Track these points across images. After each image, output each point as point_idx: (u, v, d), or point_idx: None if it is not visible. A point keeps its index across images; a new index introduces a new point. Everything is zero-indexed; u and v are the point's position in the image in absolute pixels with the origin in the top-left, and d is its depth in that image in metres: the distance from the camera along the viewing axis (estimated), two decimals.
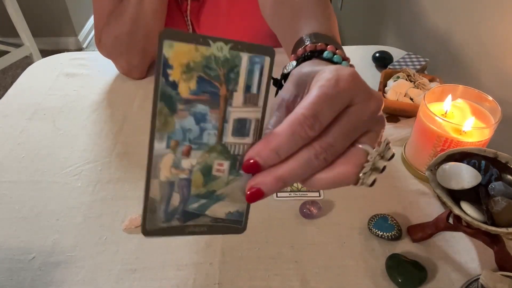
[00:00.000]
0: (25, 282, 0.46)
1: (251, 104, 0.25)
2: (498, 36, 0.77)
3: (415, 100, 0.67)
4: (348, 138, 0.26)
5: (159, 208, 0.26)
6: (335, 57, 0.35)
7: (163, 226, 0.26)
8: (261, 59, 0.25)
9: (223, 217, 0.27)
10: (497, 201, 0.41)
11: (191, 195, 0.26)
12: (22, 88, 0.79)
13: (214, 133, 0.25)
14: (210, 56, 0.24)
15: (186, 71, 0.24)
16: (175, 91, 0.24)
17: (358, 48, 0.89)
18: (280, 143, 0.24)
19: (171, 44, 0.23)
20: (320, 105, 0.24)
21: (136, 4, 0.68)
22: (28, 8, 2.35)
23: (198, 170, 0.26)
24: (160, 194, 0.26)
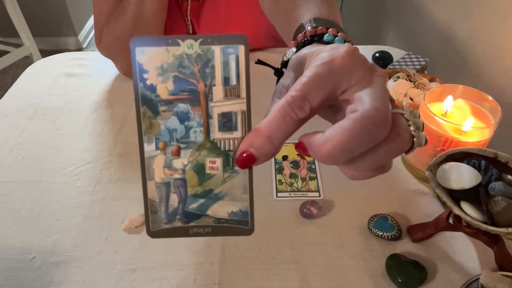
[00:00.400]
0: (25, 282, 0.46)
1: (234, 96, 0.25)
2: (498, 36, 0.77)
3: (415, 100, 0.67)
4: (386, 104, 0.24)
5: (159, 210, 0.26)
6: (336, 39, 0.33)
7: (167, 227, 0.26)
8: (235, 49, 0.24)
9: (226, 217, 0.27)
10: (497, 201, 0.41)
11: (188, 195, 0.26)
12: (22, 88, 0.79)
13: (200, 130, 0.25)
14: (182, 55, 0.24)
15: (161, 73, 0.24)
16: (154, 93, 0.25)
17: (358, 48, 0.89)
18: (272, 129, 0.23)
19: (143, 50, 0.24)
20: (310, 85, 0.24)
21: (137, 4, 0.68)
22: (28, 8, 2.35)
23: (191, 169, 0.26)
24: (158, 195, 0.26)
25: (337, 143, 0.23)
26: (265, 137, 0.23)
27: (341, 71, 0.24)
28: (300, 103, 0.24)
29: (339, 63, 0.24)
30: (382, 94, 0.24)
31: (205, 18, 0.78)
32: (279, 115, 0.23)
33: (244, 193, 0.28)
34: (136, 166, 0.61)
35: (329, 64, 0.24)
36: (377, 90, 0.24)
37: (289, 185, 0.58)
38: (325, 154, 0.23)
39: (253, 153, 0.24)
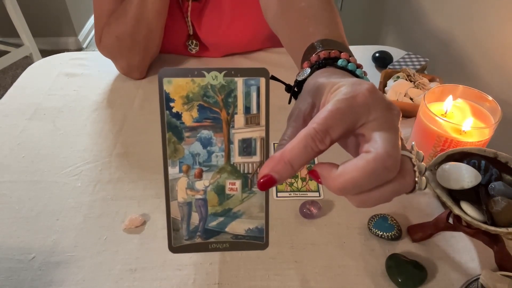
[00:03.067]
0: (25, 282, 0.46)
1: (254, 124, 0.27)
2: (498, 36, 0.77)
3: (415, 100, 0.67)
4: (396, 148, 0.26)
5: (181, 227, 0.29)
6: (349, 65, 0.35)
7: (187, 243, 0.29)
8: (256, 81, 0.27)
9: (243, 234, 0.29)
10: (497, 201, 0.41)
11: (209, 214, 0.29)
12: (22, 88, 0.79)
13: (222, 155, 0.27)
14: (207, 85, 0.26)
15: (187, 102, 0.27)
16: (180, 121, 0.27)
17: (358, 48, 0.89)
18: (294, 156, 0.25)
19: (170, 80, 0.26)
20: (332, 120, 0.26)
21: (138, 4, 0.68)
22: (28, 8, 2.35)
23: (212, 190, 0.28)
24: (180, 214, 0.28)
25: (349, 179, 0.25)
26: (287, 163, 0.26)
27: (362, 107, 0.26)
28: (322, 136, 0.25)
29: (361, 100, 0.26)
30: (395, 139, 0.26)
31: (206, 19, 0.78)
32: (301, 145, 0.25)
33: (260, 211, 0.29)
34: (136, 166, 0.61)
35: (351, 100, 0.26)
36: (391, 135, 0.26)
37: (289, 185, 0.58)
38: (337, 187, 0.26)
39: (275, 176, 0.26)
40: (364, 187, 0.25)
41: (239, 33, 0.81)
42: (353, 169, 0.25)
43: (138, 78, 0.80)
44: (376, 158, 0.24)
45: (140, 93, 0.76)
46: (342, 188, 0.25)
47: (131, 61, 0.76)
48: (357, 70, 0.35)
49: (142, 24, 0.70)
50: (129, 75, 0.80)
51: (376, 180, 0.25)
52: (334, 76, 0.32)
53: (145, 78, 0.81)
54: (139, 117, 0.70)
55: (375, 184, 0.25)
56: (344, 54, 0.36)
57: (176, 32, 0.81)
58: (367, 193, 0.26)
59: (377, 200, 0.27)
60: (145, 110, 0.72)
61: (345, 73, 0.34)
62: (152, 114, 0.71)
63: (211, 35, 0.80)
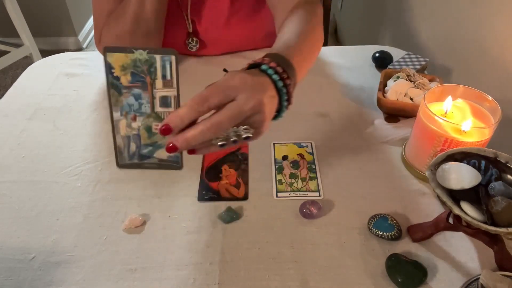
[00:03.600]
0: (25, 282, 0.46)
1: (168, 86, 0.40)
2: (498, 36, 0.77)
3: (415, 100, 0.67)
4: (232, 120, 0.39)
5: (124, 152, 0.42)
6: (269, 70, 0.45)
7: (128, 163, 0.43)
8: (169, 57, 0.39)
9: (166, 158, 0.42)
10: (497, 201, 0.41)
11: (142, 144, 0.42)
12: (22, 88, 0.79)
13: (148, 106, 0.40)
14: (136, 59, 0.39)
15: (122, 69, 0.39)
16: (118, 82, 0.40)
17: (358, 48, 0.90)
18: (182, 113, 0.38)
19: (111, 54, 0.39)
20: (211, 92, 0.39)
21: (137, 3, 0.68)
22: (28, 8, 2.35)
23: (143, 129, 0.41)
24: (123, 143, 0.42)
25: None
26: (177, 117, 0.38)
27: (232, 89, 0.39)
28: (202, 101, 0.38)
29: (233, 83, 0.40)
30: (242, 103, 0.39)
31: (206, 13, 0.79)
32: (188, 106, 0.38)
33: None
34: None
35: (226, 81, 0.40)
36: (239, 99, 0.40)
37: (289, 185, 0.58)
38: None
39: (170, 125, 0.38)
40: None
41: (238, 28, 0.81)
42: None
43: None
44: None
45: None
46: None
47: None
48: (273, 76, 0.44)
49: (141, 23, 0.70)
50: None
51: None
52: (244, 70, 0.44)
53: None
54: None
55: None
56: (272, 64, 0.45)
57: (176, 31, 0.81)
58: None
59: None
60: None
61: (257, 71, 0.45)
62: None
63: (210, 30, 0.81)
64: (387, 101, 0.68)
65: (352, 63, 0.84)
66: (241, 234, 0.51)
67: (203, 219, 0.53)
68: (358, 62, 0.85)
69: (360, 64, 0.84)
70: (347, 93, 0.76)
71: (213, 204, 0.55)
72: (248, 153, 0.63)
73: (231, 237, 0.51)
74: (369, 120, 0.69)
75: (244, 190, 0.57)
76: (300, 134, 0.67)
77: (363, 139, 0.65)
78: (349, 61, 0.85)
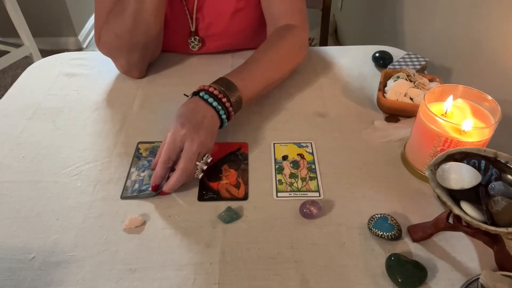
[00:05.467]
0: (25, 282, 0.46)
1: None
2: (498, 36, 0.77)
3: (415, 100, 0.67)
4: (190, 163, 0.55)
5: (129, 189, 0.57)
6: (204, 95, 0.59)
7: (129, 195, 0.56)
8: None
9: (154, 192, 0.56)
10: (497, 201, 0.41)
11: (143, 183, 0.58)
12: (22, 88, 0.79)
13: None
14: (155, 147, 0.64)
15: (145, 150, 0.63)
16: (140, 153, 0.63)
17: (358, 48, 0.90)
18: (158, 174, 0.55)
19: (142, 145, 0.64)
20: (168, 154, 0.55)
21: (137, 2, 0.68)
22: (28, 8, 2.35)
23: (147, 176, 0.59)
24: (131, 184, 0.58)
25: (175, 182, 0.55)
26: (157, 177, 0.56)
27: (178, 142, 0.55)
28: (166, 160, 0.55)
29: (177, 138, 0.55)
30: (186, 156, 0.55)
31: (210, 11, 0.79)
32: (160, 168, 0.55)
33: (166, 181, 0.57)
34: None
35: (172, 140, 0.55)
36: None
37: (289, 185, 0.58)
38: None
39: (155, 183, 0.56)
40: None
41: (241, 22, 0.81)
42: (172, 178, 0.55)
43: (138, 77, 0.80)
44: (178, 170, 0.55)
45: (140, 93, 0.76)
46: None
47: (130, 59, 0.76)
48: (209, 99, 0.59)
49: (140, 21, 0.70)
50: (129, 74, 0.80)
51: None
52: (182, 107, 0.59)
53: (145, 77, 0.81)
54: (139, 117, 0.70)
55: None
56: (208, 89, 0.60)
57: (178, 29, 0.81)
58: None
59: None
60: (145, 110, 0.72)
61: (197, 99, 0.60)
62: (152, 114, 0.71)
63: (214, 25, 0.81)
64: (387, 101, 0.68)
65: (352, 63, 0.84)
66: (241, 234, 0.51)
67: (203, 219, 0.53)
68: (358, 62, 0.85)
69: (360, 64, 0.84)
70: (347, 93, 0.76)
71: (213, 204, 0.55)
72: (248, 153, 0.63)
73: (231, 237, 0.51)
74: (369, 120, 0.69)
75: (244, 190, 0.57)
76: (300, 134, 0.67)
77: (363, 139, 0.65)
78: (349, 61, 0.85)
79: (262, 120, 0.70)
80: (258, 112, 0.72)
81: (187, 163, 0.54)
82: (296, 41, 0.75)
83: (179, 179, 0.54)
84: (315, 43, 1.96)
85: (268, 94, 0.75)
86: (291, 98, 0.75)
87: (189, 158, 0.54)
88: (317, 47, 0.90)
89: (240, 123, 0.69)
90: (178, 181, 0.54)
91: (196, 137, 0.55)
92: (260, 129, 0.68)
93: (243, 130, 0.68)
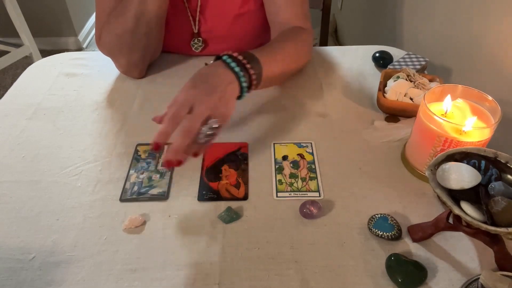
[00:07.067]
0: (25, 282, 0.46)
1: None
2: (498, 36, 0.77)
3: (415, 100, 0.67)
4: (195, 124, 0.50)
5: (128, 191, 0.57)
6: (227, 59, 0.57)
7: (129, 198, 0.56)
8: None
9: (156, 194, 0.57)
10: (497, 201, 0.41)
11: (142, 186, 0.58)
12: (22, 88, 0.79)
13: (153, 166, 0.61)
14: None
15: (144, 152, 0.63)
16: (139, 156, 0.63)
17: (358, 48, 0.89)
18: (163, 130, 0.50)
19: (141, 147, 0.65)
20: (176, 110, 0.50)
21: (138, 2, 0.68)
22: (28, 8, 2.35)
23: (146, 178, 0.59)
24: (130, 186, 0.58)
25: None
26: (161, 134, 0.50)
27: (187, 101, 0.52)
28: (173, 119, 0.50)
29: (187, 96, 0.52)
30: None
31: (214, 14, 0.79)
32: (166, 124, 0.50)
33: (165, 184, 0.58)
34: None
35: (184, 96, 0.52)
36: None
37: (289, 185, 0.58)
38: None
39: (157, 141, 0.50)
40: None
41: (244, 26, 0.81)
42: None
43: (138, 77, 0.80)
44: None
45: (140, 93, 0.76)
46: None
47: (130, 59, 0.76)
48: (231, 63, 0.57)
49: (141, 22, 0.70)
50: (129, 74, 0.80)
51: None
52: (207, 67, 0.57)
53: (145, 77, 0.81)
54: (139, 117, 0.70)
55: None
56: (233, 54, 0.58)
57: (180, 31, 0.81)
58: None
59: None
60: (145, 110, 0.72)
61: (219, 63, 0.57)
62: (152, 114, 0.71)
63: (217, 28, 0.81)
64: (387, 101, 0.68)
65: (352, 63, 0.84)
66: (241, 234, 0.51)
67: (203, 219, 0.53)
68: (358, 62, 0.85)
69: (360, 64, 0.84)
70: (347, 93, 0.76)
71: (213, 204, 0.55)
72: (248, 153, 0.63)
73: (231, 237, 0.51)
74: (369, 120, 0.69)
75: (244, 190, 0.57)
76: (300, 134, 0.67)
77: (363, 139, 0.65)
78: (349, 61, 0.85)
79: (262, 120, 0.70)
80: (258, 112, 0.72)
81: (191, 123, 0.50)
82: (307, 43, 0.76)
83: (180, 140, 0.49)
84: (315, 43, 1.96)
85: (269, 94, 0.75)
86: (291, 98, 0.75)
87: (193, 118, 0.50)
88: (317, 47, 0.90)
89: (240, 123, 0.69)
90: (179, 143, 0.49)
91: (206, 100, 0.51)
92: (260, 129, 0.68)
93: (243, 130, 0.68)
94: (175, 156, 0.48)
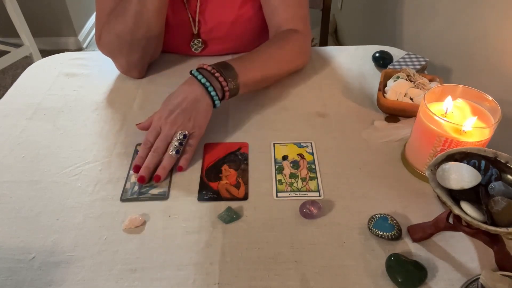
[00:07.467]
0: (25, 282, 0.46)
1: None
2: (498, 36, 0.77)
3: (415, 100, 0.67)
4: (164, 142, 0.59)
5: (128, 191, 0.57)
6: (195, 73, 0.63)
7: (129, 197, 0.56)
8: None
9: (157, 194, 0.57)
10: (497, 201, 0.41)
11: (143, 186, 0.58)
12: (22, 88, 0.79)
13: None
14: None
15: None
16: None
17: (358, 48, 0.90)
18: (139, 154, 0.60)
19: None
20: (147, 134, 0.61)
21: (138, 2, 0.68)
22: (28, 8, 2.35)
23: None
24: (130, 186, 0.58)
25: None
26: (138, 157, 0.61)
27: (155, 126, 0.61)
28: (146, 144, 0.61)
29: (155, 123, 0.63)
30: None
31: (214, 15, 0.79)
32: (142, 150, 0.61)
33: (165, 184, 0.58)
34: None
35: (154, 122, 0.62)
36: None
37: (289, 185, 0.58)
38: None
39: (136, 163, 0.60)
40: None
41: (244, 27, 0.81)
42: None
43: (138, 77, 0.80)
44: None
45: (140, 93, 0.76)
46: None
47: (130, 59, 0.76)
48: (198, 76, 0.62)
49: (141, 22, 0.70)
50: (129, 74, 0.80)
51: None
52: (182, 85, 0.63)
53: (144, 77, 0.81)
54: (139, 117, 0.70)
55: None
56: (202, 68, 0.64)
57: (180, 32, 0.81)
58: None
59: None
60: (145, 110, 0.72)
61: (189, 78, 0.63)
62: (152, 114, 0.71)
63: (216, 29, 0.81)
64: (387, 101, 0.68)
65: (352, 63, 0.84)
66: (241, 234, 0.51)
67: (203, 219, 0.53)
68: (358, 62, 0.85)
69: (360, 64, 0.84)
70: (347, 93, 0.76)
71: (213, 204, 0.55)
72: (248, 153, 0.63)
73: (231, 237, 0.51)
74: (369, 120, 0.69)
75: (244, 190, 0.57)
76: (300, 134, 0.67)
77: (363, 139, 0.65)
78: (349, 61, 0.85)
79: (262, 120, 0.70)
80: (258, 112, 0.72)
81: (157, 144, 0.59)
82: (298, 45, 0.76)
83: (150, 159, 0.58)
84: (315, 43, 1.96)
85: (269, 94, 0.75)
86: (291, 98, 0.75)
87: (159, 139, 0.59)
88: (317, 47, 0.90)
89: (240, 123, 0.69)
90: (148, 162, 0.58)
91: (170, 120, 0.59)
92: (260, 129, 0.68)
93: (243, 130, 0.68)
94: (147, 171, 0.57)
